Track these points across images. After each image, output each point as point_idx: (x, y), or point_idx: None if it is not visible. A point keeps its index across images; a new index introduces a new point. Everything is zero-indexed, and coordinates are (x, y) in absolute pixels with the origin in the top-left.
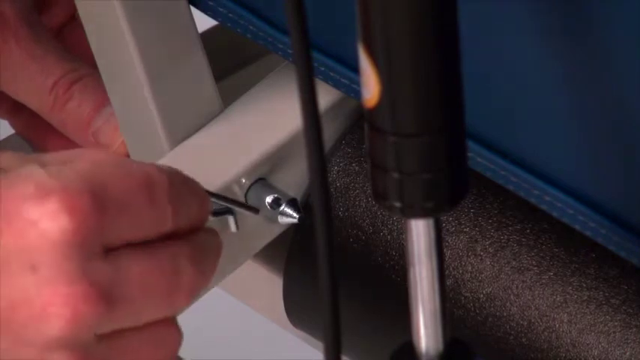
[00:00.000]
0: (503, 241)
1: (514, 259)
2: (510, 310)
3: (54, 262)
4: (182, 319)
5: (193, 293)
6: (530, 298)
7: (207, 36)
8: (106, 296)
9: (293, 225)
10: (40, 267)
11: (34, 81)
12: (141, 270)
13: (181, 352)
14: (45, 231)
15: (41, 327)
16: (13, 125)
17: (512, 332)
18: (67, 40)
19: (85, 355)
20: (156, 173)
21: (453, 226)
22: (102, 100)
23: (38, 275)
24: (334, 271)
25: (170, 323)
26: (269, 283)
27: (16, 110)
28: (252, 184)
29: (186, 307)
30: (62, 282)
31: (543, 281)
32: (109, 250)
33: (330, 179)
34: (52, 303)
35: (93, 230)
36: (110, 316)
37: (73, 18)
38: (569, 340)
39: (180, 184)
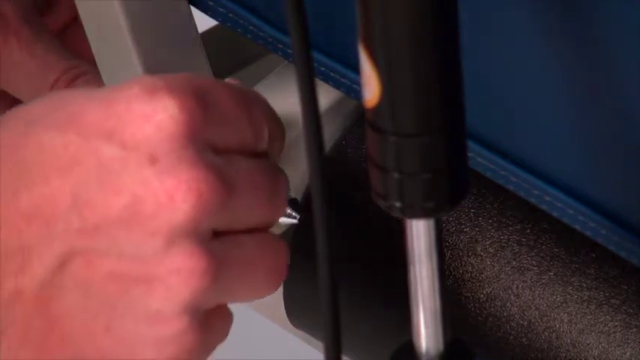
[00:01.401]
0: (503, 241)
1: (514, 259)
2: (510, 310)
3: (172, 150)
4: None
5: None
6: (530, 298)
7: (207, 36)
8: (224, 181)
9: (293, 225)
10: (159, 157)
11: (35, 79)
12: (247, 167)
13: None
14: (160, 122)
15: (167, 214)
16: None
17: (513, 332)
18: (69, 42)
19: (206, 248)
20: (254, 93)
21: (453, 226)
22: None
23: (159, 165)
24: (334, 271)
25: (276, 236)
26: None
27: None
28: None
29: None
30: (184, 168)
31: (543, 281)
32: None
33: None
34: (176, 188)
35: (201, 126)
36: (228, 204)
37: (75, 20)
38: (569, 340)
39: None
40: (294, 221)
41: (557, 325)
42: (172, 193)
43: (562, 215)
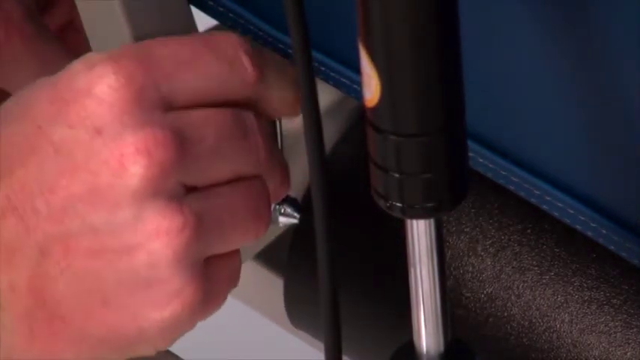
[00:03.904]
0: (504, 241)
1: (515, 260)
2: (511, 310)
3: (115, 118)
4: None
5: (269, 157)
6: (531, 298)
7: None
8: (177, 136)
9: (293, 225)
10: (104, 128)
11: (35, 77)
12: (205, 116)
13: (181, 352)
14: (99, 94)
15: (123, 182)
16: None
17: (513, 332)
18: (69, 42)
19: (178, 204)
20: (222, 33)
21: (453, 226)
22: None
23: (105, 135)
24: (334, 272)
25: (259, 178)
26: (269, 283)
27: None
28: None
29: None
30: (128, 132)
31: (544, 281)
32: (178, 108)
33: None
34: (124, 154)
35: (142, 86)
36: (186, 157)
37: (71, 22)
38: (570, 341)
39: (268, 59)
40: (294, 221)
41: (558, 326)
42: (122, 159)
43: (563, 216)
